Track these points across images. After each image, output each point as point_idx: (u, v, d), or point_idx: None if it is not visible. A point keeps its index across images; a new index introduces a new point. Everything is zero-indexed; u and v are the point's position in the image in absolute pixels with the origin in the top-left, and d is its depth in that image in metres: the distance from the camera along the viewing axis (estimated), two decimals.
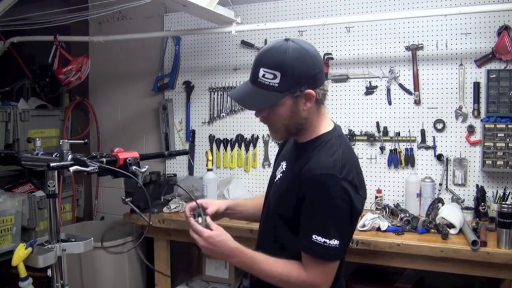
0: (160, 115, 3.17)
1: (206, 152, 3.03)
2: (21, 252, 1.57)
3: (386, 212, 2.43)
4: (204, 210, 1.49)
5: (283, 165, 1.52)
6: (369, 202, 2.57)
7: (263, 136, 2.92)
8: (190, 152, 3.11)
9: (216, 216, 1.59)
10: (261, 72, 1.32)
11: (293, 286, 1.35)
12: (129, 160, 1.60)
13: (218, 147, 3.06)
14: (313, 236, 1.30)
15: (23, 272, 1.61)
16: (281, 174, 1.51)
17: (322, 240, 1.29)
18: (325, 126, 1.44)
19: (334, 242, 1.30)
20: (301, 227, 1.36)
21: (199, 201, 1.53)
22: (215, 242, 1.37)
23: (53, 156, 1.68)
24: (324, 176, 1.31)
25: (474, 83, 2.44)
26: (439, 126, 2.53)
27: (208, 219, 1.43)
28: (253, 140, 2.96)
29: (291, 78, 1.31)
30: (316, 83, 1.36)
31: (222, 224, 1.51)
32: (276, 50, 1.32)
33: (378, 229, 2.21)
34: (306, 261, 1.34)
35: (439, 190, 2.52)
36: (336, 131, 1.45)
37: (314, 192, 1.32)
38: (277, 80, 1.31)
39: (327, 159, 1.35)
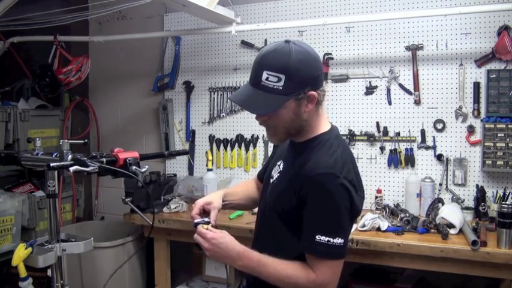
0: (160, 115, 3.17)
1: (206, 152, 3.03)
2: (21, 252, 1.57)
3: (386, 212, 2.43)
4: (207, 221, 1.49)
5: (280, 165, 1.52)
6: (369, 202, 2.57)
7: (263, 136, 2.92)
8: (190, 152, 3.11)
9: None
10: (265, 75, 1.31)
11: (302, 287, 1.34)
12: (129, 160, 1.60)
13: (218, 147, 3.06)
14: (317, 236, 1.30)
15: (23, 272, 1.61)
16: (278, 174, 1.50)
17: (326, 239, 1.30)
18: (323, 126, 1.45)
19: (338, 241, 1.30)
20: (304, 229, 1.35)
21: (201, 203, 1.55)
22: (219, 244, 1.37)
23: (53, 156, 1.69)
24: (325, 175, 1.31)
25: (474, 83, 2.44)
26: (439, 126, 2.53)
27: (210, 228, 1.43)
28: (253, 140, 2.96)
29: (295, 81, 1.31)
30: (317, 84, 1.36)
31: (222, 224, 1.52)
32: (279, 53, 1.31)
33: (378, 229, 2.21)
34: (312, 262, 1.34)
35: (439, 190, 2.52)
36: (333, 131, 1.46)
37: (315, 192, 1.33)
38: (281, 83, 1.30)
39: (327, 158, 1.35)
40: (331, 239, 1.30)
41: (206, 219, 1.49)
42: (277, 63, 1.30)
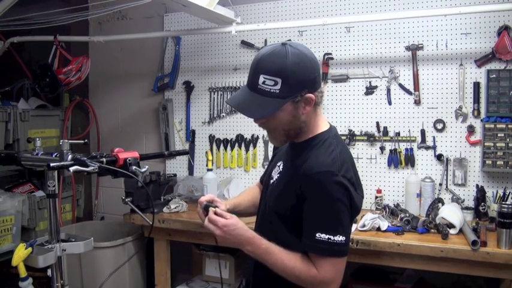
0: (160, 115, 3.17)
1: (206, 152, 3.03)
2: (21, 252, 1.57)
3: (386, 212, 2.43)
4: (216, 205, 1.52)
5: (280, 165, 1.52)
6: (369, 202, 2.57)
7: (263, 136, 2.92)
8: (190, 152, 3.11)
9: None
10: (261, 79, 1.31)
11: (303, 281, 1.36)
12: (129, 160, 1.60)
13: (218, 147, 3.06)
14: (317, 234, 1.31)
15: (23, 272, 1.61)
16: (278, 175, 1.51)
17: (326, 237, 1.30)
18: (322, 126, 1.45)
19: (340, 238, 1.31)
20: (304, 227, 1.36)
21: (209, 196, 1.58)
22: (230, 231, 1.38)
23: (53, 156, 1.69)
24: (324, 174, 1.32)
25: (474, 83, 2.44)
26: (439, 126, 2.53)
27: (219, 211, 1.45)
28: (253, 140, 2.96)
29: (292, 84, 1.31)
30: (315, 86, 1.36)
31: None
32: (275, 56, 1.31)
33: (378, 229, 2.21)
34: (314, 260, 1.35)
35: (439, 190, 2.52)
36: (332, 130, 1.46)
37: (314, 190, 1.33)
38: (278, 87, 1.30)
39: (325, 157, 1.36)
40: (332, 237, 1.30)
41: (214, 204, 1.53)
42: (273, 67, 1.30)
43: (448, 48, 2.48)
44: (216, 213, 1.43)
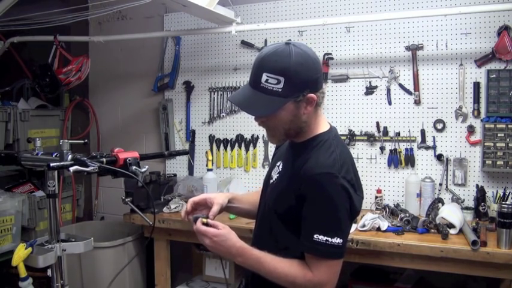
0: (160, 115, 3.17)
1: (206, 152, 3.03)
2: (21, 252, 1.57)
3: (386, 212, 2.44)
4: (207, 215, 1.49)
5: (279, 165, 1.52)
6: (369, 202, 2.57)
7: (263, 136, 2.92)
8: (190, 152, 3.11)
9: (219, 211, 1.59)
10: (264, 77, 1.31)
11: (299, 287, 1.35)
12: (129, 160, 1.60)
13: (218, 147, 3.06)
14: (315, 236, 1.31)
15: (23, 272, 1.61)
16: (278, 175, 1.51)
17: (324, 238, 1.30)
18: (322, 127, 1.45)
19: (337, 240, 1.31)
20: (303, 228, 1.36)
21: (204, 195, 1.57)
22: (221, 241, 1.37)
23: (53, 156, 1.69)
24: (324, 175, 1.32)
25: (474, 83, 2.44)
26: (439, 126, 2.53)
27: (211, 221, 1.43)
28: (253, 140, 2.96)
29: (295, 83, 1.31)
30: (317, 86, 1.36)
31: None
32: (279, 55, 1.31)
33: (378, 229, 2.21)
34: (309, 261, 1.35)
35: (439, 190, 2.52)
36: (332, 131, 1.46)
37: (314, 191, 1.33)
38: (280, 85, 1.30)
39: (326, 158, 1.36)
40: (330, 239, 1.30)
41: (204, 214, 1.49)
42: (276, 66, 1.30)
43: (448, 48, 2.48)
44: (207, 224, 1.40)
